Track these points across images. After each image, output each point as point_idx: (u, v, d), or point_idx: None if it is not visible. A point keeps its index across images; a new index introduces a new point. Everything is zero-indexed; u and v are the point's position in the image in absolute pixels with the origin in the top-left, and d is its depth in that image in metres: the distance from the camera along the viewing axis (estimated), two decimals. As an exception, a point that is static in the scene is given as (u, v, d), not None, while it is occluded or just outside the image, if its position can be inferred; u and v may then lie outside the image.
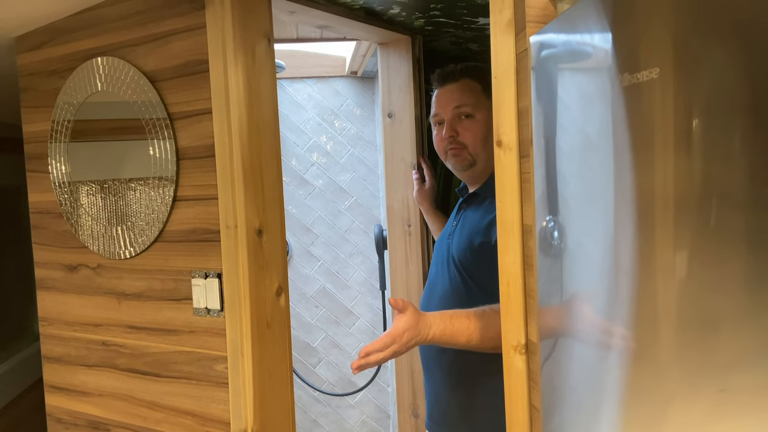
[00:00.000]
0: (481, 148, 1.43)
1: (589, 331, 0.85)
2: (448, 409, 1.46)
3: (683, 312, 0.69)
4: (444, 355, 1.44)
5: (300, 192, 2.65)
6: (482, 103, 1.43)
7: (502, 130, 0.99)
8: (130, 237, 1.49)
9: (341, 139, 2.67)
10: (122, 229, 1.51)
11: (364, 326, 2.71)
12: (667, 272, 0.71)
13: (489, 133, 1.41)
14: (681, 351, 0.70)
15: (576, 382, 0.89)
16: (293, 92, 2.63)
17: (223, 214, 1.35)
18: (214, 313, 1.39)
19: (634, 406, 0.78)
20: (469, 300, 1.34)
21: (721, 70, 0.60)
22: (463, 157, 1.44)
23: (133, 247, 1.49)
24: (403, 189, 1.94)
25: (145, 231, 1.46)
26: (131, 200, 1.49)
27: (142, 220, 1.47)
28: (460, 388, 1.42)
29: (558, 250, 0.91)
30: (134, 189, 1.48)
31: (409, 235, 1.95)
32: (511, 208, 0.99)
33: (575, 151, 0.87)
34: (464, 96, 1.44)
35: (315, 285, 2.68)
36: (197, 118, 1.38)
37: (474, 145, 1.43)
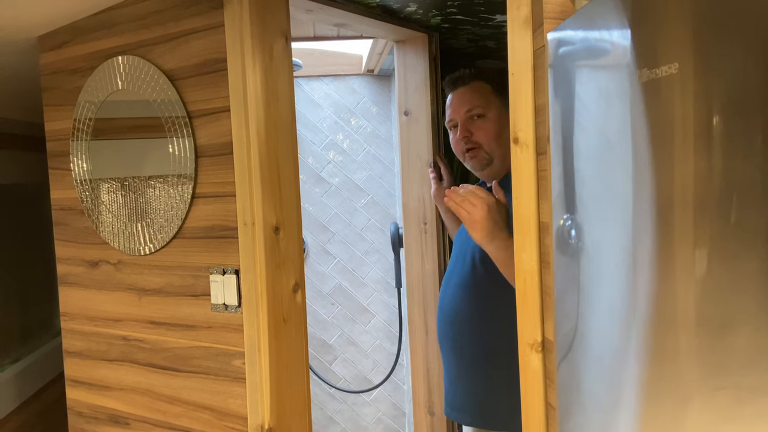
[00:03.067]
0: (496, 146, 1.47)
1: (607, 331, 0.85)
2: (465, 394, 1.49)
3: (702, 311, 0.69)
4: (460, 341, 1.47)
5: (316, 190, 2.67)
6: (493, 102, 1.49)
7: (518, 127, 0.99)
8: (149, 233, 1.52)
9: (357, 137, 2.67)
10: (142, 225, 1.53)
11: (380, 324, 2.71)
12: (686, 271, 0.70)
13: (503, 131, 1.46)
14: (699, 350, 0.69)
15: (593, 382, 0.88)
16: (310, 90, 2.64)
17: (241, 211, 1.36)
18: (231, 309, 1.40)
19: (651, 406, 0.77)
20: (483, 291, 1.40)
21: (741, 66, 0.60)
22: (480, 157, 1.49)
23: (152, 244, 1.51)
24: (419, 187, 1.94)
25: (165, 228, 1.48)
26: (151, 197, 1.51)
27: (161, 216, 1.49)
28: (477, 373, 1.45)
29: (575, 249, 0.90)
30: (154, 186, 1.50)
31: (425, 233, 1.95)
32: (528, 205, 0.98)
33: (593, 149, 0.87)
34: (474, 98, 1.49)
35: (331, 282, 2.69)
36: (215, 116, 1.39)
37: (488, 143, 1.47)
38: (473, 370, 1.46)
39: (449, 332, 1.51)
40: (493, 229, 1.24)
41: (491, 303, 1.41)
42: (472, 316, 1.45)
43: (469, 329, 1.46)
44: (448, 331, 1.51)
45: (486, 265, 1.37)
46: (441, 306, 1.56)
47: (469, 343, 1.46)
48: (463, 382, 1.50)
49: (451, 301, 1.50)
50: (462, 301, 1.47)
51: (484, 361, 1.44)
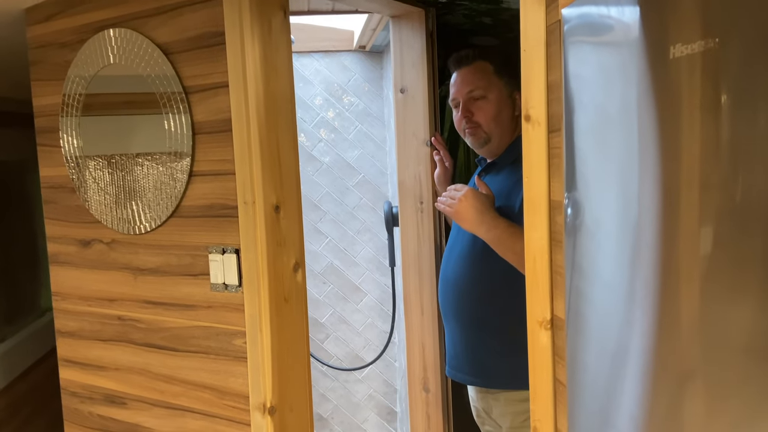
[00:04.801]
0: (494, 125, 1.56)
1: (607, 308, 0.85)
2: (467, 357, 1.58)
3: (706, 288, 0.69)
4: (462, 308, 1.58)
5: (308, 168, 2.64)
6: (494, 83, 1.55)
7: (530, 105, 0.98)
8: (144, 212, 1.49)
9: (349, 115, 2.64)
10: (137, 204, 1.50)
11: (372, 303, 2.72)
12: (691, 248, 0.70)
13: (501, 111, 1.56)
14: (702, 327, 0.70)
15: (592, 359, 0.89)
16: (300, 67, 2.60)
17: (241, 189, 1.34)
18: (232, 288, 1.38)
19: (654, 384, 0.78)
20: (482, 260, 1.49)
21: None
22: (479, 135, 1.57)
23: (148, 223, 1.49)
24: (415, 165, 1.93)
25: (161, 206, 1.45)
26: (145, 175, 1.47)
27: (157, 195, 1.46)
28: (478, 337, 1.56)
29: (572, 227, 0.90)
30: (148, 164, 1.46)
31: (422, 212, 1.94)
32: (539, 183, 0.98)
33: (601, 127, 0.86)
34: (476, 79, 1.55)
35: (323, 261, 2.68)
36: (213, 92, 1.36)
37: (487, 123, 1.55)
38: (474, 334, 1.56)
39: (452, 300, 1.59)
40: (477, 215, 1.39)
41: (491, 271, 1.49)
42: (473, 284, 1.54)
43: (471, 296, 1.55)
44: (450, 299, 1.60)
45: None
46: (444, 276, 1.64)
47: (470, 309, 1.55)
48: (466, 345, 1.59)
49: (453, 271, 1.59)
50: (463, 271, 1.55)
51: (485, 325, 1.54)
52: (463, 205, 1.41)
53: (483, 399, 1.62)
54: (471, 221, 1.41)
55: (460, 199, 1.41)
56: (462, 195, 1.42)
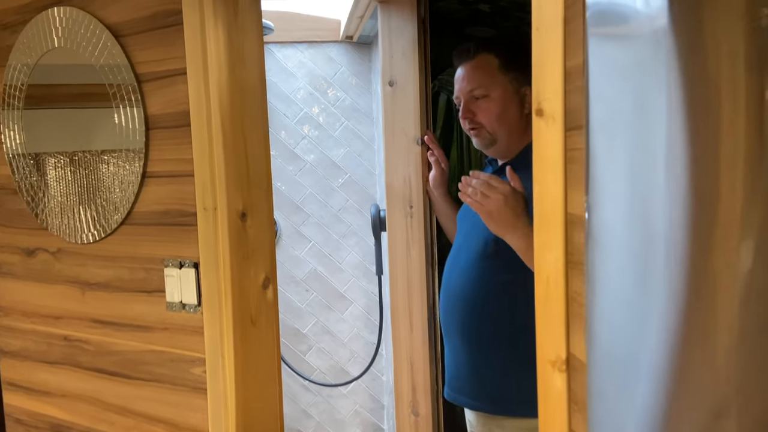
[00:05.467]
0: (498, 126, 1.41)
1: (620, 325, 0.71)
2: (471, 378, 1.45)
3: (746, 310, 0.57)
4: (468, 324, 1.42)
5: (290, 167, 2.45)
6: (498, 80, 1.41)
7: (543, 96, 0.80)
8: (93, 218, 1.29)
9: (335, 110, 2.46)
10: (84, 209, 1.30)
11: (358, 312, 2.54)
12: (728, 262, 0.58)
13: (506, 110, 1.41)
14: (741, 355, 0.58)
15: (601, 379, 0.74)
16: (282, 58, 2.41)
17: (200, 193, 1.15)
18: (190, 308, 1.20)
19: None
20: (494, 273, 1.35)
21: None
22: (483, 136, 1.43)
23: (97, 231, 1.29)
24: (405, 166, 1.75)
25: (111, 212, 1.26)
26: (95, 176, 1.28)
27: (106, 199, 1.26)
28: (485, 358, 1.42)
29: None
30: (98, 163, 1.27)
31: (411, 217, 1.76)
32: (553, 192, 0.80)
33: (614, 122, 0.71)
34: (477, 76, 1.42)
35: (305, 267, 2.50)
36: (170, 80, 1.17)
37: (490, 123, 1.41)
38: (481, 354, 1.43)
39: (456, 315, 1.46)
40: (511, 219, 1.20)
41: (503, 285, 1.35)
42: (482, 299, 1.39)
43: (478, 311, 1.40)
44: (454, 314, 1.46)
45: (498, 246, 1.29)
46: (446, 288, 1.49)
47: (478, 325, 1.41)
48: (470, 365, 1.45)
49: (458, 284, 1.44)
50: (471, 284, 1.40)
51: (494, 345, 1.39)
52: (499, 204, 1.20)
53: (485, 426, 1.45)
54: (504, 224, 1.21)
55: (497, 198, 1.20)
56: (500, 193, 1.20)
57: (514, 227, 1.21)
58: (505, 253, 1.26)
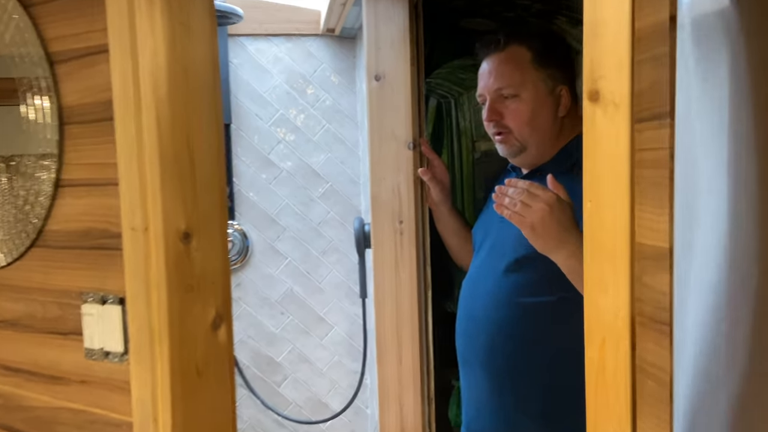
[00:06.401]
0: (529, 132, 1.22)
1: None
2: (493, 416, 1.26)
3: None
4: (495, 359, 1.22)
5: (263, 176, 2.19)
6: (530, 77, 1.22)
7: (599, 72, 0.55)
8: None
9: (314, 111, 2.20)
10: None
11: (339, 337, 2.27)
12: None
13: (539, 114, 1.22)
14: None
15: None
16: (255, 52, 2.15)
17: (127, 208, 0.88)
18: (114, 357, 0.92)
19: None
20: (528, 299, 1.16)
21: None
22: (510, 143, 1.25)
23: (3, 254, 1.02)
24: (393, 175, 1.49)
25: (17, 231, 0.99)
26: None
27: (11, 214, 0.99)
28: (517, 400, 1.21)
29: None
30: (1, 172, 1.00)
31: (401, 234, 1.51)
32: (613, 213, 0.55)
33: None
34: (506, 73, 1.23)
35: (280, 288, 2.23)
36: (89, 60, 0.91)
37: (520, 128, 1.22)
38: (509, 390, 1.24)
39: (480, 345, 1.27)
40: (558, 233, 1.02)
41: (540, 308, 1.15)
42: (513, 331, 1.19)
43: (509, 341, 1.21)
44: (478, 343, 1.27)
45: (533, 264, 1.12)
46: (467, 315, 1.29)
47: (506, 357, 1.22)
48: (495, 403, 1.27)
49: (483, 313, 1.24)
50: (499, 312, 1.21)
51: (525, 379, 1.20)
52: (543, 215, 1.01)
53: None
54: (550, 238, 1.03)
55: (540, 208, 1.01)
56: (543, 202, 1.02)
57: (562, 243, 1.02)
58: (542, 270, 1.09)
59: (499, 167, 2.41)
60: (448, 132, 2.47)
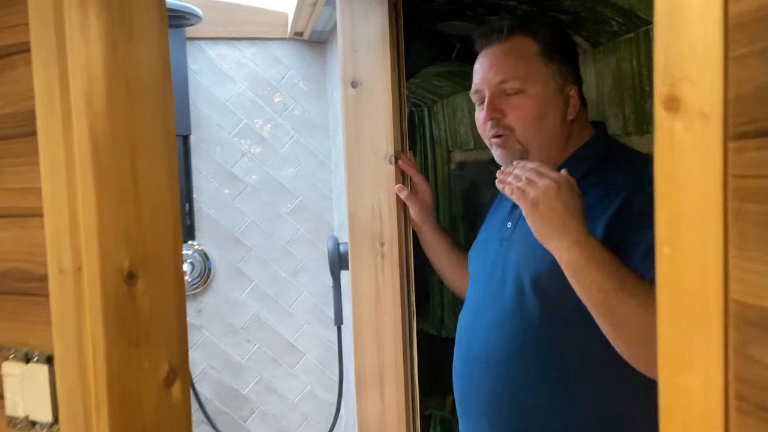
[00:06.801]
0: (534, 134, 1.05)
1: None
2: None
3: None
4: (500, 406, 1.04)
5: (226, 191, 2.01)
6: (537, 71, 1.05)
7: (679, 74, 0.41)
8: None
9: (282, 121, 2.04)
10: None
11: (311, 365, 2.10)
12: None
13: (546, 113, 1.05)
14: None
15: None
16: (216, 57, 1.98)
17: (54, 245, 0.71)
18: (43, 427, 0.75)
19: None
20: (540, 333, 0.98)
21: None
22: (511, 147, 1.06)
23: None
24: (373, 191, 1.34)
25: None
26: None
27: None
28: None
29: None
30: None
31: (382, 257, 1.35)
32: (701, 262, 0.41)
33: None
34: (511, 65, 1.06)
35: (246, 313, 2.05)
36: (8, 62, 0.73)
37: (524, 129, 1.05)
38: None
39: (482, 389, 1.08)
40: (563, 216, 0.87)
41: (555, 350, 0.98)
42: (523, 372, 1.01)
43: (519, 386, 1.02)
44: (480, 387, 1.08)
45: (545, 290, 0.96)
46: (468, 355, 1.11)
47: (516, 406, 1.03)
48: None
49: (485, 349, 1.06)
50: (504, 349, 1.03)
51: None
52: (549, 193, 0.88)
53: None
54: (553, 222, 0.88)
55: (547, 184, 0.88)
56: (552, 180, 0.89)
57: (566, 229, 0.87)
58: (558, 296, 0.93)
59: (477, 179, 2.30)
60: (421, 142, 2.34)
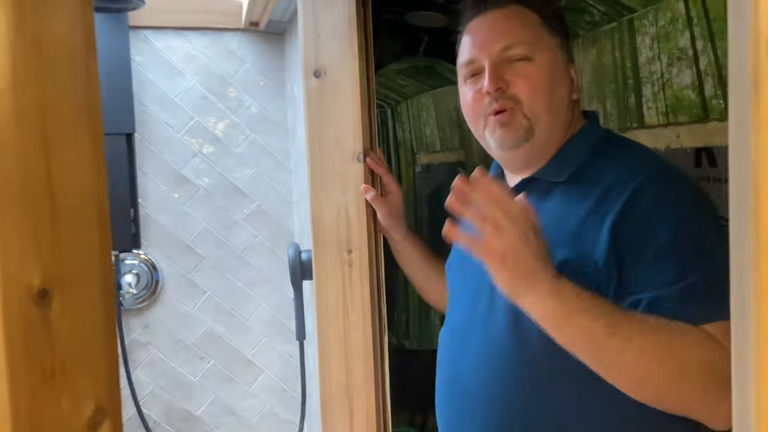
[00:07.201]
0: (543, 107, 0.89)
1: None
2: None
3: None
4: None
5: (175, 195, 1.85)
6: (543, 40, 0.92)
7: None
8: None
9: (237, 119, 1.89)
10: None
11: (271, 382, 1.95)
12: None
13: (557, 86, 0.91)
14: None
15: None
16: (163, 48, 1.82)
17: (-64, 257, 0.55)
18: (-77, 491, 0.58)
19: None
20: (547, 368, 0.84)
21: None
22: (516, 123, 0.89)
23: None
24: (339, 193, 1.21)
25: None
26: None
27: None
28: None
29: None
30: None
31: (350, 265, 1.22)
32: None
33: None
34: (516, 29, 0.91)
35: (199, 328, 1.88)
36: None
37: (533, 100, 0.88)
38: None
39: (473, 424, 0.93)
40: (535, 264, 0.75)
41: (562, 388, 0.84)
42: (517, 403, 0.87)
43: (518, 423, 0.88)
44: (471, 421, 0.93)
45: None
46: (451, 383, 0.98)
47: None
48: None
49: (475, 382, 0.91)
50: (500, 383, 0.88)
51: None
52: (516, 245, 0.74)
53: None
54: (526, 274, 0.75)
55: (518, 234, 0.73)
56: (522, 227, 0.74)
57: (537, 278, 0.75)
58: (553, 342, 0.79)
59: (444, 182, 2.19)
60: (384, 144, 2.22)
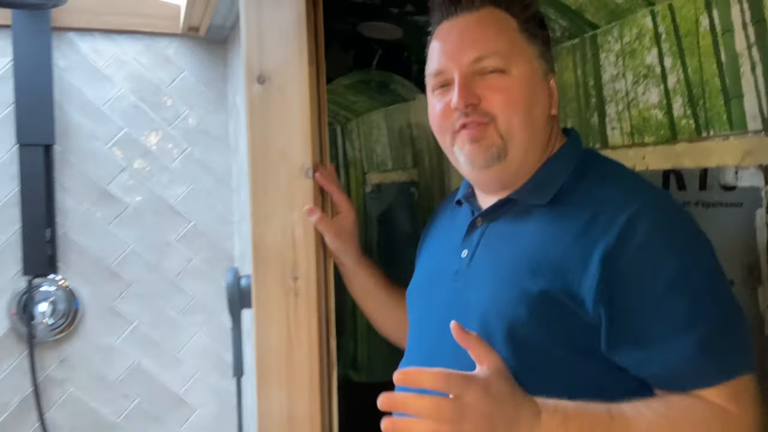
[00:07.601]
0: (519, 124, 0.80)
1: None
2: None
3: None
4: None
5: (99, 214, 1.67)
6: (521, 49, 0.83)
7: None
8: None
9: (173, 131, 1.74)
10: None
11: (205, 422, 1.78)
12: None
13: (535, 100, 0.82)
14: None
15: None
16: (90, 52, 1.66)
17: None
18: None
19: None
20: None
21: None
22: (488, 141, 0.80)
23: None
24: (284, 212, 1.08)
25: None
26: None
27: None
28: None
29: None
30: None
31: (296, 294, 1.09)
32: None
33: None
34: (490, 38, 0.82)
35: (123, 362, 1.70)
36: None
37: (508, 117, 0.80)
38: None
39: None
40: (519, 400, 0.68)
41: None
42: None
43: None
44: None
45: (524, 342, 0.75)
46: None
47: None
48: None
49: None
50: None
51: None
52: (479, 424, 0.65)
53: None
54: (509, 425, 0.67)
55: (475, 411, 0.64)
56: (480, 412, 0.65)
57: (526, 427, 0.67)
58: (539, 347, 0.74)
59: (396, 203, 2.10)
60: (333, 163, 2.12)
